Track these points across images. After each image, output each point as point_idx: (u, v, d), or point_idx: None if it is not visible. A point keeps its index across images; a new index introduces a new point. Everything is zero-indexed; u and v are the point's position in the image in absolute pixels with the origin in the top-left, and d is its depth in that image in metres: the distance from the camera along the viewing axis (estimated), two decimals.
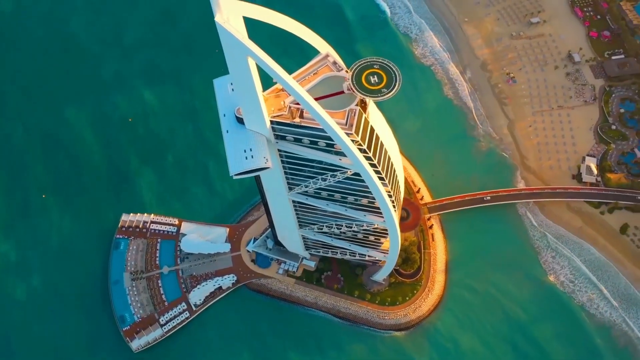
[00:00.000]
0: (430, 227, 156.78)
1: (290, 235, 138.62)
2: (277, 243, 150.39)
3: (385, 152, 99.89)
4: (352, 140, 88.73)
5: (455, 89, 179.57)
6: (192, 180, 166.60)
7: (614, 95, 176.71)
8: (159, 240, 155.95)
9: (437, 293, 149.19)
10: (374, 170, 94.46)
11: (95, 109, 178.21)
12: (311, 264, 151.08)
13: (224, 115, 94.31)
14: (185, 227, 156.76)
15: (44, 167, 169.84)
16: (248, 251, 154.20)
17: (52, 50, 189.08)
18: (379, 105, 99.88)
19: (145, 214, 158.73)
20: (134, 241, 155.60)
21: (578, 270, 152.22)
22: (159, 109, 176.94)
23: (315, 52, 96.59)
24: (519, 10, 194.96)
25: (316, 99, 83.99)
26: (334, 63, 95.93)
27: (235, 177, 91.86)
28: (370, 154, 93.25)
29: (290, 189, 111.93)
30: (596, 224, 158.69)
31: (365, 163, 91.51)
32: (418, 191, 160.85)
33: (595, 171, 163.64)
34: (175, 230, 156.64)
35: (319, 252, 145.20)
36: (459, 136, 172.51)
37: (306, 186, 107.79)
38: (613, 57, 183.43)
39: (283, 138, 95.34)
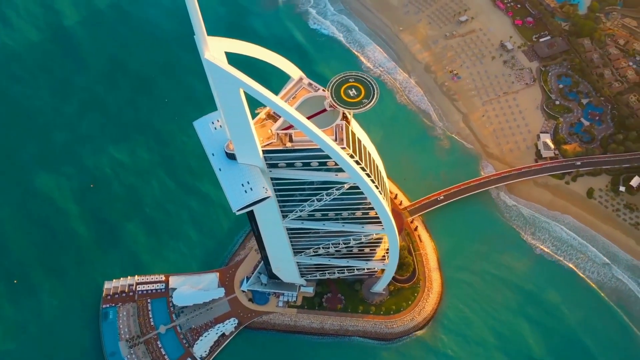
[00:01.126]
0: (415, 229, 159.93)
1: (286, 265, 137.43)
2: (272, 276, 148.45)
3: (373, 160, 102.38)
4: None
5: (407, 94, 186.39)
6: (170, 233, 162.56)
7: (550, 73, 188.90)
8: (148, 300, 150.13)
9: (437, 290, 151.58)
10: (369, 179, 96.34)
11: (54, 177, 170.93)
12: (309, 290, 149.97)
13: (213, 155, 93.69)
14: (174, 281, 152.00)
15: (12, 247, 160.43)
16: (243, 291, 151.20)
17: None
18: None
19: (129, 277, 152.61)
20: (122, 307, 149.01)
21: (559, 239, 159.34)
22: (125, 166, 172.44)
23: (282, 78, 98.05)
24: (447, 12, 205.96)
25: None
26: (310, 84, 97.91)
27: (237, 213, 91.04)
28: (363, 164, 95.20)
29: (284, 216, 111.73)
30: (564, 194, 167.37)
31: (363, 174, 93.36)
32: (395, 197, 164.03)
33: (552, 146, 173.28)
34: (163, 287, 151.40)
35: (316, 275, 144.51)
36: (421, 138, 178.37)
37: (301, 210, 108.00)
38: (541, 40, 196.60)
39: (275, 166, 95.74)
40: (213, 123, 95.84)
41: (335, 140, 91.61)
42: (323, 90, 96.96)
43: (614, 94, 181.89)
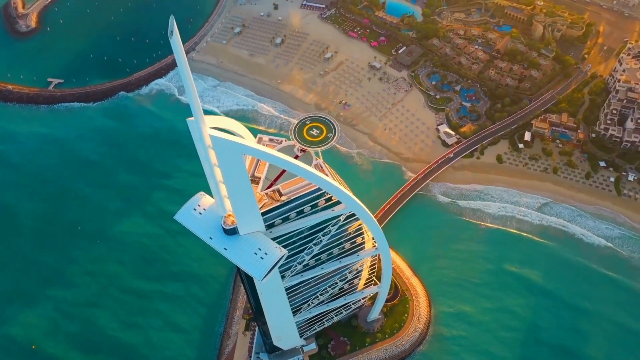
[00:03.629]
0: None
1: (287, 330, 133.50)
2: (272, 350, 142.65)
3: (347, 186, 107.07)
4: None
5: None
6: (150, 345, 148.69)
7: (420, 76, 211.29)
8: None
9: (422, 294, 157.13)
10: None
11: None
12: (312, 347, 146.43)
13: (211, 238, 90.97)
14: None
15: None
16: None
17: None
18: None
19: None
20: None
21: (494, 212, 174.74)
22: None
23: None
24: (311, 55, 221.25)
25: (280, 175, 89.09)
26: (271, 140, 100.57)
27: (263, 281, 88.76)
28: (348, 192, 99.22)
29: (283, 277, 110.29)
30: (480, 168, 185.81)
31: (357, 200, 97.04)
32: None
33: (452, 133, 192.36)
34: None
35: (315, 329, 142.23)
36: (342, 168, 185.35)
37: (300, 262, 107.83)
38: (399, 51, 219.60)
39: (272, 225, 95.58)
40: (195, 209, 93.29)
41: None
42: (285, 140, 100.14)
43: (476, 74, 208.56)
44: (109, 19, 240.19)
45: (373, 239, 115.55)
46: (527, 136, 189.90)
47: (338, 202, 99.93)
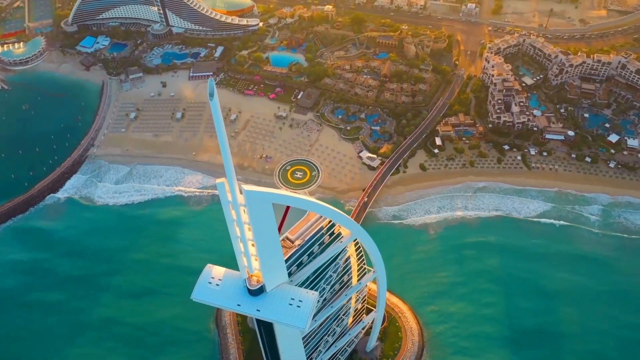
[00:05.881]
0: None
1: None
2: None
3: None
4: None
5: None
6: None
7: (325, 113, 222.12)
8: None
9: (407, 309, 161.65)
10: None
11: None
12: None
13: (239, 305, 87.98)
14: None
15: None
16: None
17: None
18: None
19: None
20: None
21: (435, 210, 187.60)
22: None
23: None
24: None
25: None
26: None
27: (308, 329, 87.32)
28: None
29: None
30: (409, 180, 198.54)
31: (360, 226, 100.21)
32: None
33: (374, 156, 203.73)
34: None
35: None
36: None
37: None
38: (299, 97, 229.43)
39: (291, 274, 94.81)
40: (210, 282, 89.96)
41: None
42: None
43: (374, 100, 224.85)
44: None
45: (360, 268, 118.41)
46: (438, 141, 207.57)
47: (339, 235, 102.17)
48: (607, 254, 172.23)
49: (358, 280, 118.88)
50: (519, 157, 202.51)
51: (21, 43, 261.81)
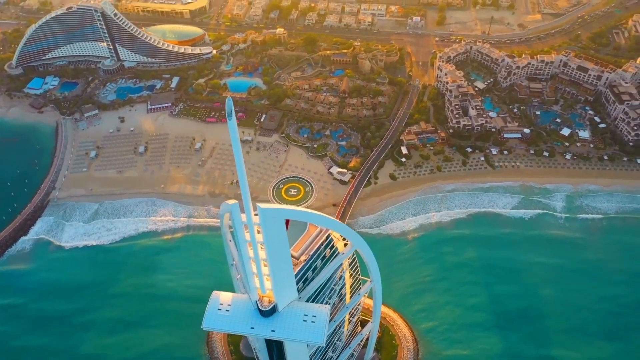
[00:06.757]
0: None
1: None
2: None
3: None
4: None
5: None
6: None
7: (290, 134, 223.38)
8: None
9: (396, 316, 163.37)
10: None
11: None
12: None
13: (253, 328, 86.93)
14: None
15: None
16: None
17: None
18: None
19: None
20: None
21: (410, 216, 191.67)
22: None
23: None
24: (181, 151, 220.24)
25: None
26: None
27: (325, 343, 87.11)
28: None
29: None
30: (381, 191, 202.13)
31: (359, 235, 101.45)
32: None
33: (344, 171, 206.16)
34: None
35: None
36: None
37: None
38: (262, 119, 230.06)
39: (298, 291, 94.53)
40: (220, 309, 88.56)
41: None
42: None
43: (337, 116, 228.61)
44: None
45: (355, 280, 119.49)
46: (404, 150, 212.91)
47: (336, 248, 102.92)
48: (575, 236, 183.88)
49: (356, 291, 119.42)
50: (482, 158, 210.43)
51: None
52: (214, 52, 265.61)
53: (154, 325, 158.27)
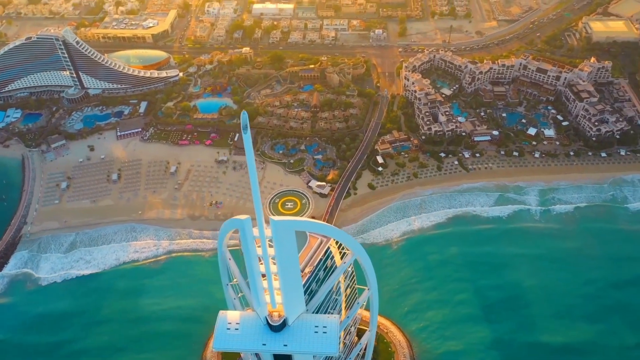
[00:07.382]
0: None
1: None
2: None
3: None
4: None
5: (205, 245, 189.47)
6: None
7: (265, 151, 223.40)
8: None
9: (389, 323, 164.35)
10: None
11: None
12: None
13: (265, 344, 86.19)
14: None
15: None
16: None
17: None
18: None
19: None
20: None
21: (393, 222, 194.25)
22: None
23: None
24: (156, 175, 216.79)
25: None
26: None
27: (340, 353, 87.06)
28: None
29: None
30: (361, 201, 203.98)
31: (358, 243, 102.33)
32: None
33: (323, 184, 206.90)
34: None
35: None
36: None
37: None
38: (236, 140, 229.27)
39: (306, 304, 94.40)
40: (229, 328, 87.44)
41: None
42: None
43: (310, 130, 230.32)
44: None
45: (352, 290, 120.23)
46: (380, 159, 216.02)
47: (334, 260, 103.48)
48: (551, 227, 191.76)
49: (355, 300, 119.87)
50: (456, 162, 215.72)
51: None
52: (181, 74, 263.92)
53: (146, 349, 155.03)
